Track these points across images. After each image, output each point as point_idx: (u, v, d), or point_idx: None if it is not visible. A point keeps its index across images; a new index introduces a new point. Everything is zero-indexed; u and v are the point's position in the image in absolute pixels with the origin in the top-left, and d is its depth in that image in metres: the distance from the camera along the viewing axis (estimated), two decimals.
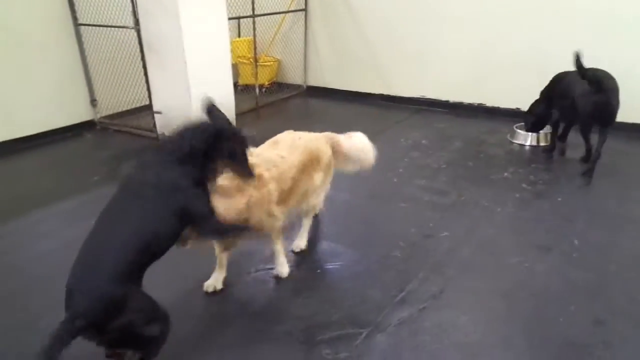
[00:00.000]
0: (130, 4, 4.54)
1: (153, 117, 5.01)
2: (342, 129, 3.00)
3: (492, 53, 5.43)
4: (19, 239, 3.20)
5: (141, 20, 4.50)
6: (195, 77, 4.46)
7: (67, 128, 5.29)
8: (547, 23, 5.06)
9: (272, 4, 6.39)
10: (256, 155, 2.39)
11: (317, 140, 2.78)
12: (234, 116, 5.08)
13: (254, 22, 5.99)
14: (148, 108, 5.74)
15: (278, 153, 2.54)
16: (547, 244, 2.99)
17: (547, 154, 4.39)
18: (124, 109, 5.66)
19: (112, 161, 4.56)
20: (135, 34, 4.72)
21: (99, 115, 5.50)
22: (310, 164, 2.64)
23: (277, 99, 6.59)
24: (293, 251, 2.92)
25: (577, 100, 3.72)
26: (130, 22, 4.72)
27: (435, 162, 4.32)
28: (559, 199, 3.57)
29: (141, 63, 4.83)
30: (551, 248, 2.94)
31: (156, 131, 5.00)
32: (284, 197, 2.47)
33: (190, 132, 1.95)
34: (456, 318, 2.36)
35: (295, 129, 2.84)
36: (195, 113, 4.28)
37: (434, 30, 5.72)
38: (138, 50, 5.02)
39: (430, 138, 4.91)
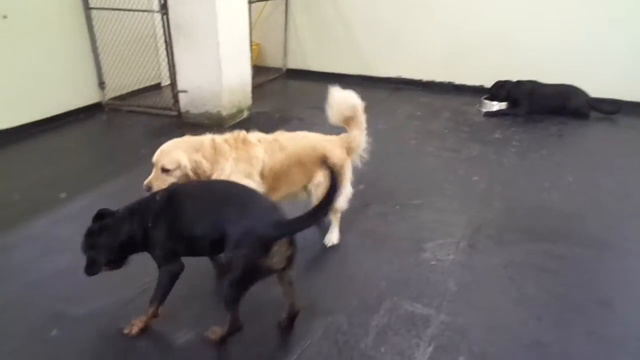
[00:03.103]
0: None
1: (174, 96, 5.32)
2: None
3: (460, 36, 6.40)
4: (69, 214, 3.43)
5: (170, 4, 4.81)
6: (225, 56, 4.88)
7: (79, 110, 5.42)
8: (510, 9, 6.07)
9: None
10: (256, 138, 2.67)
11: (327, 142, 2.86)
12: (250, 92, 5.55)
13: None
14: (157, 87, 6.04)
15: (275, 139, 2.73)
16: (550, 182, 3.95)
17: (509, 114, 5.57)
18: (130, 90, 5.87)
19: (142, 140, 4.83)
20: (156, 17, 5.03)
21: (106, 97, 5.67)
22: (310, 159, 2.74)
23: (258, 82, 7.04)
24: (326, 245, 3.00)
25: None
26: (152, 6, 5.01)
27: (437, 128, 5.19)
28: (544, 152, 4.60)
29: (164, 45, 5.13)
30: (554, 182, 3.92)
31: (178, 109, 5.32)
32: (273, 179, 2.64)
33: None
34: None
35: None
36: (225, 89, 4.80)
37: (409, 14, 6.56)
38: (153, 31, 5.32)
39: (422, 110, 5.78)
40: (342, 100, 2.91)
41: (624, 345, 2.25)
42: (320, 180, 2.78)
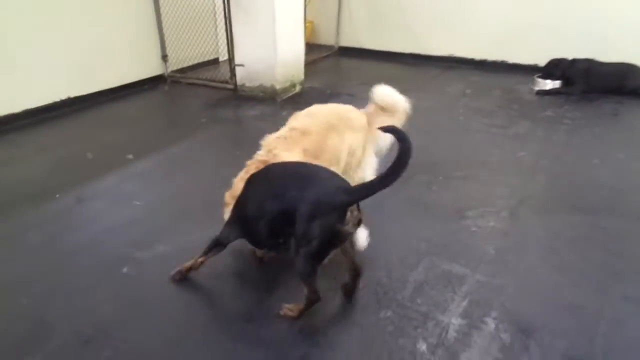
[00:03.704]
0: None
1: (231, 70, 5.58)
2: (374, 84, 2.98)
3: (513, 14, 6.29)
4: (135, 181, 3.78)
5: None
6: (281, 33, 5.07)
7: (142, 82, 5.79)
8: None
9: None
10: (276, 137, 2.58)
11: (345, 107, 2.85)
12: (302, 67, 5.73)
13: None
14: (215, 62, 6.33)
15: (289, 126, 2.66)
16: (599, 159, 3.91)
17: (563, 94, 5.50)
18: (190, 64, 6.19)
19: (201, 110, 5.12)
20: None
21: (168, 70, 6.01)
22: (338, 122, 2.68)
23: (311, 59, 7.20)
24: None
25: None
26: None
27: (486, 105, 5.19)
28: (597, 130, 4.53)
29: (223, 20, 5.37)
30: (604, 160, 3.88)
31: (234, 82, 5.58)
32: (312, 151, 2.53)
33: None
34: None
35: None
36: (279, 64, 5.00)
37: None
38: (213, 7, 5.58)
39: (472, 88, 5.77)
40: (385, 97, 2.93)
41: None
42: (354, 143, 2.72)
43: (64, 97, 4.94)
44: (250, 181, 2.25)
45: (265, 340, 2.13)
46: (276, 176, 2.16)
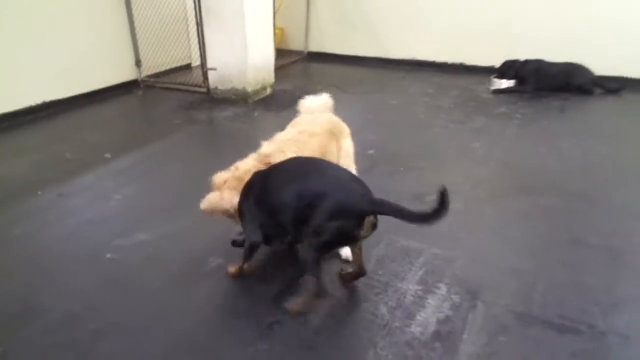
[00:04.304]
0: None
1: (203, 74, 5.80)
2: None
3: (470, 19, 6.70)
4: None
5: None
6: (251, 37, 5.32)
7: (117, 86, 5.95)
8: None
9: None
10: (274, 142, 2.65)
11: (332, 115, 3.04)
12: (273, 71, 5.99)
13: None
14: (187, 67, 6.54)
15: (297, 130, 2.76)
16: (546, 148, 4.28)
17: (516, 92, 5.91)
18: (164, 69, 6.38)
19: (176, 112, 5.32)
20: (188, 1, 5.49)
21: (142, 75, 6.18)
22: (336, 131, 2.90)
23: (281, 64, 7.46)
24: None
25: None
26: None
27: (445, 103, 5.55)
28: (545, 123, 4.92)
29: (195, 27, 5.59)
30: (550, 149, 4.26)
31: (207, 86, 5.79)
32: (319, 152, 2.65)
33: None
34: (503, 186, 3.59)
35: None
36: (250, 67, 5.25)
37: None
38: (185, 14, 5.79)
39: (433, 88, 6.14)
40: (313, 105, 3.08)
41: (590, 272, 2.62)
42: (350, 149, 2.98)
43: (39, 101, 5.07)
44: (271, 174, 2.28)
45: (241, 310, 2.36)
46: (305, 171, 2.20)
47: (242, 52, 5.36)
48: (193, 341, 2.18)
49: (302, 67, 7.64)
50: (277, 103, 5.53)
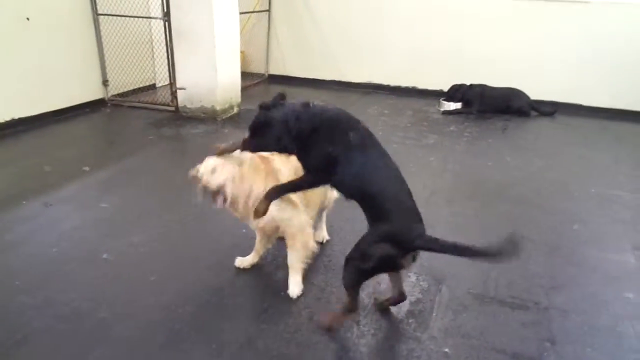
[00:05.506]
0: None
1: (172, 93, 6.03)
2: None
3: (422, 46, 7.30)
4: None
5: (173, 13, 5.55)
6: (220, 58, 5.64)
7: (84, 105, 6.06)
8: (462, 22, 7.04)
9: (240, 5, 7.63)
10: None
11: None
12: (239, 91, 6.31)
13: None
14: (152, 87, 6.74)
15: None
16: (492, 162, 4.82)
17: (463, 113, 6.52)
18: (130, 89, 6.54)
19: (146, 129, 5.50)
20: (153, 24, 5.79)
21: (109, 94, 6.33)
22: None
23: (243, 86, 7.77)
24: (321, 242, 3.18)
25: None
26: (153, 13, 5.76)
27: (401, 123, 6.05)
28: (490, 141, 5.51)
29: (160, 49, 5.85)
30: (495, 162, 4.80)
31: (176, 104, 6.02)
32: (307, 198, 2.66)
33: None
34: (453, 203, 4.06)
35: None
36: (219, 87, 5.55)
37: (377, 26, 7.44)
38: (150, 37, 6.04)
39: (389, 109, 6.64)
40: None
41: (534, 261, 3.08)
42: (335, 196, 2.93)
43: (8, 118, 5.13)
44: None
45: (236, 294, 2.63)
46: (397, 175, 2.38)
47: (212, 73, 5.66)
48: (195, 324, 2.43)
49: (263, 88, 7.98)
50: (245, 121, 5.82)
